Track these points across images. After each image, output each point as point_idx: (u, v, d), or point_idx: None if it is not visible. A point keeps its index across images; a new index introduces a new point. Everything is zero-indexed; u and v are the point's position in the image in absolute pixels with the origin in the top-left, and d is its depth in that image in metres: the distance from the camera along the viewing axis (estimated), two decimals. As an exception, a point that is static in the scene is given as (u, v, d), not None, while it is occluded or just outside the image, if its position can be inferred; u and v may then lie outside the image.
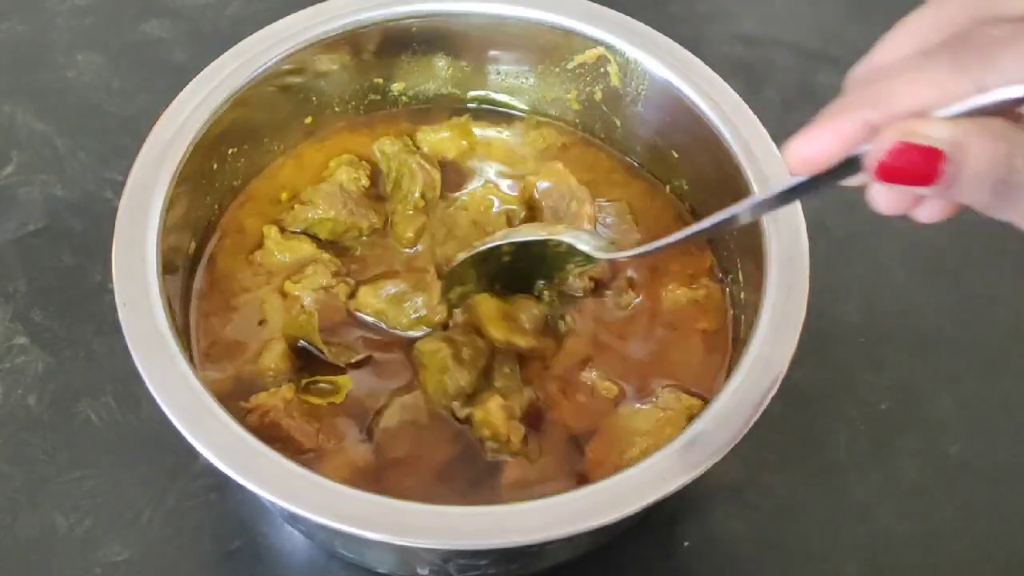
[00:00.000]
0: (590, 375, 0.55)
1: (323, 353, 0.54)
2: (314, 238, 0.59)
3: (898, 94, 0.32)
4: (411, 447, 0.52)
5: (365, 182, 0.61)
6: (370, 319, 0.56)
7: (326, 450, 0.52)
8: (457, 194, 0.61)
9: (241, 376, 0.54)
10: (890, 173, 0.32)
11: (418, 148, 0.63)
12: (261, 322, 0.56)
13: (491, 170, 0.63)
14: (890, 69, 0.33)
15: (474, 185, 0.62)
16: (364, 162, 0.62)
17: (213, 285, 0.57)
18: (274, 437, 0.50)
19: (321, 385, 0.54)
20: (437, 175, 0.61)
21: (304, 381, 0.54)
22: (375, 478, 0.51)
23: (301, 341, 0.55)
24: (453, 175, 0.62)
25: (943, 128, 0.31)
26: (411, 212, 0.60)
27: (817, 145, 0.34)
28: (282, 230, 0.59)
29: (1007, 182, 0.32)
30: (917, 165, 0.32)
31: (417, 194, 0.60)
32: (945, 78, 0.32)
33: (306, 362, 0.55)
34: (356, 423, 0.53)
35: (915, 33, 0.34)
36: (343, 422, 0.53)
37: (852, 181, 0.35)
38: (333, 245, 0.59)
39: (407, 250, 0.59)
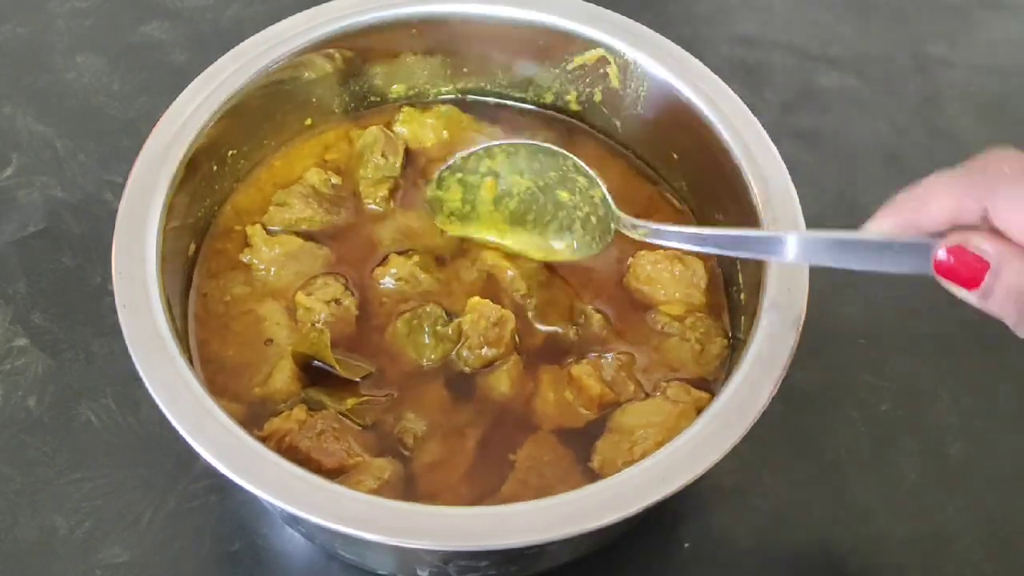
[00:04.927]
0: (583, 370, 0.54)
1: (335, 369, 0.53)
2: (297, 234, 0.59)
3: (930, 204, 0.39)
4: (438, 454, 0.52)
5: (336, 180, 0.61)
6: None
7: (351, 465, 0.51)
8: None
9: (252, 402, 0.53)
10: (945, 270, 0.39)
11: (394, 133, 0.63)
12: (267, 342, 0.55)
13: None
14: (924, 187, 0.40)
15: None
16: (328, 164, 0.62)
17: (210, 311, 0.56)
18: (296, 461, 0.48)
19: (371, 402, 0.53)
20: (401, 145, 0.62)
21: (351, 402, 0.53)
22: (406, 488, 0.51)
23: (313, 361, 0.54)
24: (426, 163, 0.62)
25: (991, 242, 0.38)
26: (377, 177, 0.61)
27: (884, 224, 0.41)
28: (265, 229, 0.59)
29: None
30: (966, 268, 0.38)
31: (379, 156, 0.61)
32: (960, 197, 0.38)
33: (312, 378, 0.54)
34: (380, 436, 0.52)
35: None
36: (367, 436, 0.52)
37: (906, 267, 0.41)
38: (316, 237, 0.59)
39: (375, 206, 0.60)
